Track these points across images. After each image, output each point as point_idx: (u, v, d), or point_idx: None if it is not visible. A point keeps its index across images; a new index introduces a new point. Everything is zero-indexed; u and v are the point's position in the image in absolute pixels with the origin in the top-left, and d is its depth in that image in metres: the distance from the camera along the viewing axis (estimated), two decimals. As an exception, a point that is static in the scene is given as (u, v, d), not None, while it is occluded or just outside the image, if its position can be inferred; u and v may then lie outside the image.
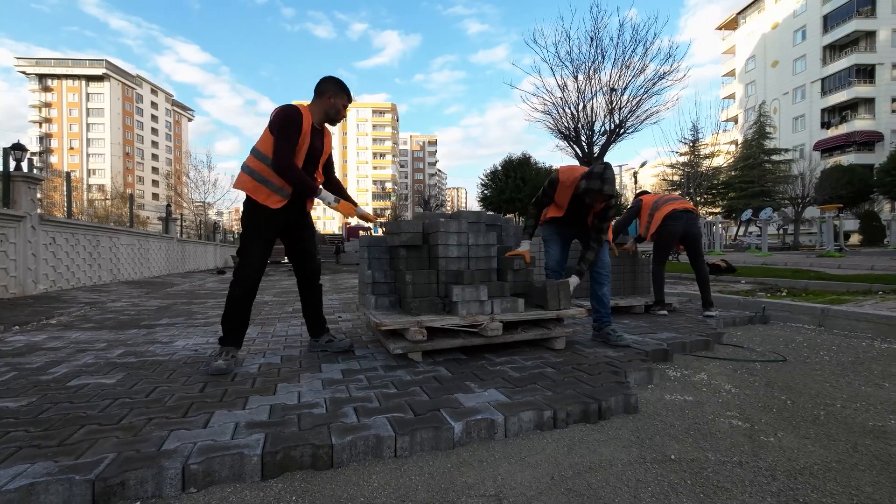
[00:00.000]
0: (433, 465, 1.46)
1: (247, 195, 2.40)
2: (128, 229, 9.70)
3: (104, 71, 65.82)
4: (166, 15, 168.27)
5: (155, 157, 75.32)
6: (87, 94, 67.05)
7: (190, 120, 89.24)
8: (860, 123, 35.02)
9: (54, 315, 4.48)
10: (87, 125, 67.09)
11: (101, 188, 56.54)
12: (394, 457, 1.51)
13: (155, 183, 73.75)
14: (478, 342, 2.57)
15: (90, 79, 66.72)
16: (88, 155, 66.99)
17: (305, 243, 2.68)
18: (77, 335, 3.44)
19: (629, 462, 1.47)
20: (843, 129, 35.83)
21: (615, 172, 2.86)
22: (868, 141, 34.72)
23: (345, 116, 2.60)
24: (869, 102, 35.36)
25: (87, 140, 66.85)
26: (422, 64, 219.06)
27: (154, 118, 75.69)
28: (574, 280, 2.89)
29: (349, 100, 2.54)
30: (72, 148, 66.72)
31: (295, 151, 2.32)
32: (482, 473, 1.41)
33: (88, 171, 66.12)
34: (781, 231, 28.42)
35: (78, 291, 6.57)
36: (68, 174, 8.05)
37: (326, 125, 2.57)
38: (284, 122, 2.27)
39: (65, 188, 7.89)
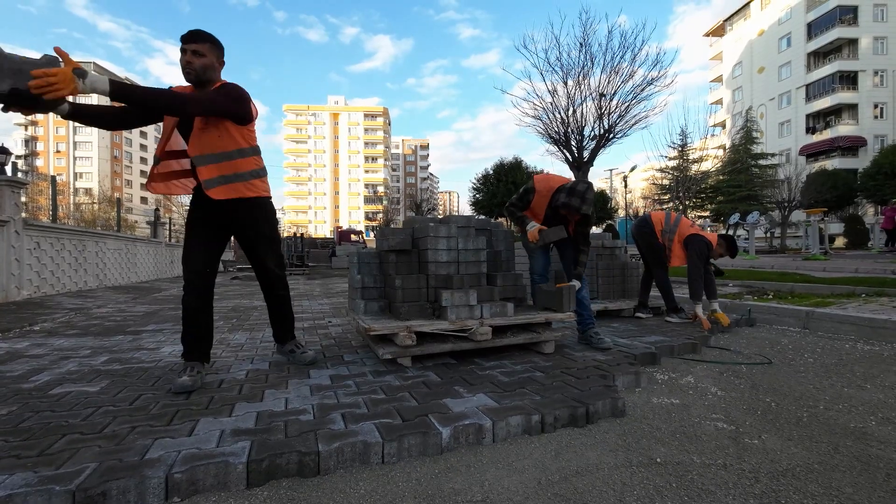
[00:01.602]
0: (420, 471, 1.46)
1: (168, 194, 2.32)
2: (115, 234, 9.57)
3: (92, 73, 64.99)
4: (156, 18, 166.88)
5: (143, 160, 74.44)
6: (75, 97, 66.14)
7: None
8: (844, 129, 35.71)
9: (38, 321, 4.40)
10: (74, 128, 66.08)
11: (88, 192, 55.74)
12: (381, 463, 1.50)
13: (143, 187, 72.89)
14: (467, 347, 2.57)
15: (77, 81, 65.78)
16: (75, 158, 66.05)
17: (255, 252, 2.44)
18: (61, 342, 3.38)
19: (615, 466, 1.48)
20: (827, 134, 36.51)
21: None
22: (852, 146, 35.40)
23: (184, 65, 2.12)
24: (852, 108, 36.08)
25: (74, 143, 65.92)
26: (414, 68, 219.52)
27: (143, 121, 74.76)
28: (577, 283, 2.94)
29: (182, 42, 2.12)
30: (58, 151, 65.76)
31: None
32: (469, 479, 1.41)
33: (75, 174, 65.16)
34: (769, 234, 28.83)
35: (63, 297, 6.46)
36: (53, 178, 7.93)
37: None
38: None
39: (50, 192, 7.76)
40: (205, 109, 2.04)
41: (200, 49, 2.13)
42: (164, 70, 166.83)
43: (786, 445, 1.61)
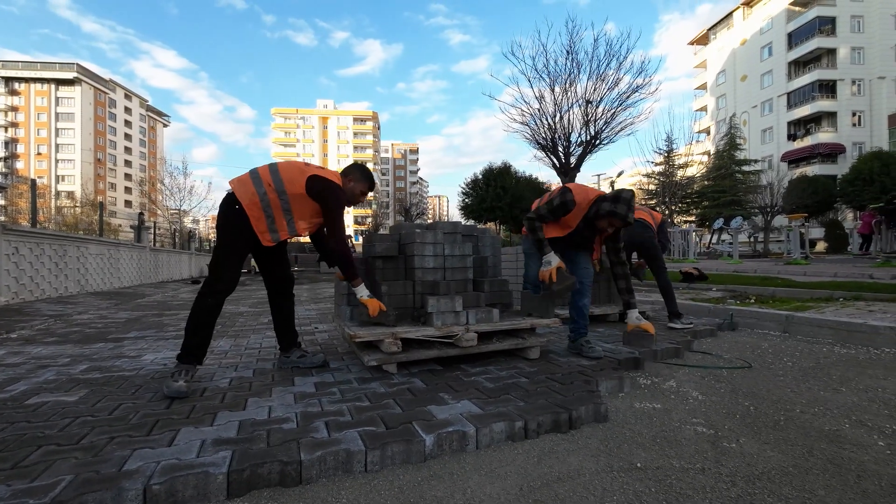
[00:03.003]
0: (403, 478, 1.46)
1: (243, 209, 2.28)
2: (97, 238, 9.39)
3: (75, 75, 63.96)
4: (142, 19, 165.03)
5: (128, 163, 73.30)
6: (57, 99, 64.97)
7: (165, 126, 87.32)
8: (824, 136, 36.64)
9: (15, 329, 4.30)
10: (57, 130, 64.94)
11: (70, 195, 54.63)
12: (364, 471, 1.50)
13: (128, 190, 71.73)
14: (453, 353, 2.58)
15: (60, 83, 64.71)
16: (57, 161, 64.75)
17: (282, 264, 2.62)
18: (38, 350, 3.31)
19: (596, 471, 1.49)
20: (808, 141, 37.43)
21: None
22: (831, 153, 36.33)
23: (361, 202, 2.69)
24: (831, 116, 37.06)
25: (56, 146, 64.64)
26: (403, 73, 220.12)
27: (128, 124, 73.78)
28: (640, 318, 2.86)
29: (370, 188, 2.60)
30: (39, 153, 64.41)
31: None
32: (452, 486, 1.41)
33: (57, 177, 63.87)
34: (752, 239, 29.39)
35: (42, 303, 6.32)
36: (33, 181, 7.78)
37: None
38: (340, 201, 2.40)
39: (30, 195, 7.61)
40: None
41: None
42: (150, 73, 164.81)
43: (762, 449, 1.65)
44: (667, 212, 27.25)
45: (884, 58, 35.81)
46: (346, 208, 2.55)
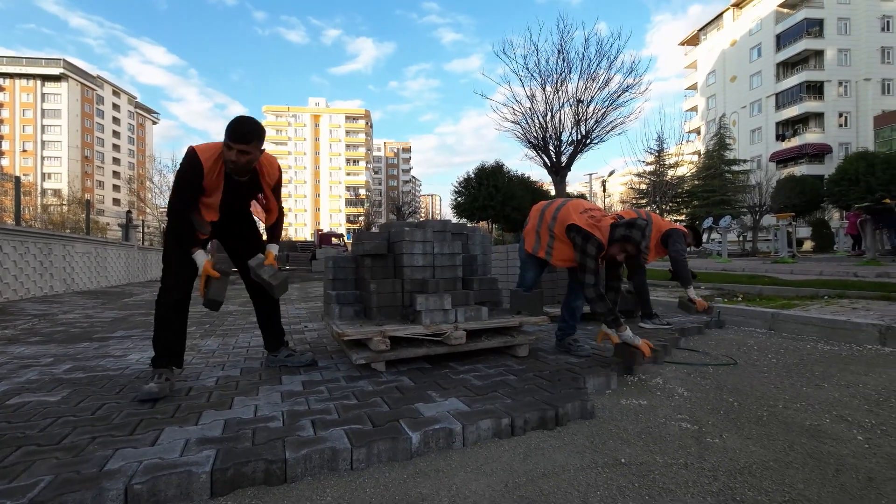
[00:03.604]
0: (389, 476, 1.46)
1: None
2: (84, 236, 9.26)
3: (62, 71, 62.96)
4: (130, 15, 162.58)
5: (116, 160, 72.34)
6: (43, 95, 63.94)
7: (155, 123, 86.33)
8: (811, 136, 37.18)
9: (-2, 328, 4.23)
10: (43, 127, 63.91)
11: (56, 193, 53.79)
12: (350, 469, 1.49)
13: (116, 188, 70.77)
14: (442, 351, 2.58)
15: (46, 78, 63.68)
16: (43, 158, 63.72)
17: (246, 252, 2.45)
18: (21, 350, 3.26)
19: (581, 467, 1.50)
20: (795, 141, 37.95)
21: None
22: (818, 153, 36.88)
23: (243, 164, 2.12)
24: (819, 117, 37.60)
25: (42, 142, 63.62)
26: (396, 71, 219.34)
27: (116, 121, 72.78)
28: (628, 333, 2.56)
29: (236, 141, 2.08)
30: (25, 150, 63.33)
31: (189, 200, 2.17)
32: (437, 483, 1.41)
33: (43, 174, 62.87)
34: (741, 238, 29.77)
35: (26, 303, 6.22)
36: (17, 178, 7.64)
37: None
38: (181, 169, 2.15)
39: (14, 193, 7.48)
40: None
41: (248, 148, 2.11)
42: (138, 69, 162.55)
43: (745, 444, 1.67)
44: (657, 211, 27.47)
45: (870, 60, 36.41)
46: (240, 177, 2.22)
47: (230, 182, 2.22)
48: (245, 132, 2.09)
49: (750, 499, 1.29)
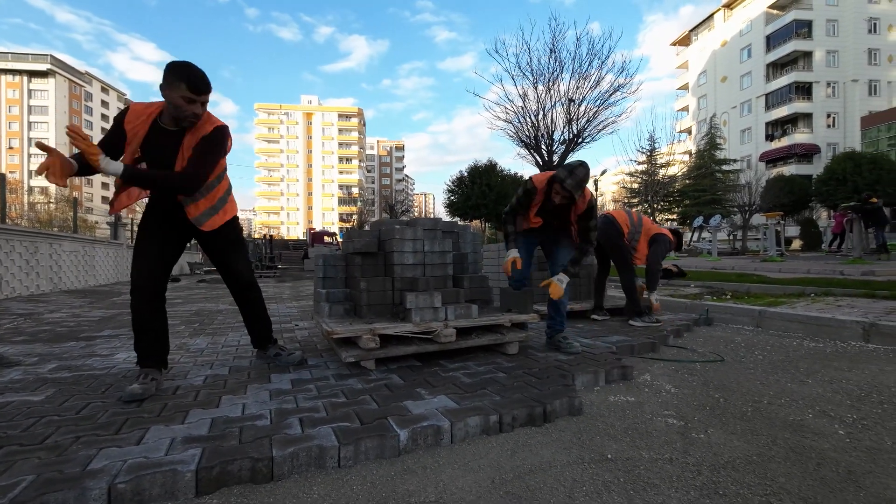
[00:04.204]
0: (376, 473, 1.46)
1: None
2: (71, 235, 9.14)
3: (49, 66, 62.01)
4: (119, 10, 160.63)
5: (105, 158, 71.34)
6: (30, 91, 62.95)
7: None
8: (800, 137, 37.68)
9: (-18, 328, 4.16)
10: (29, 123, 62.93)
11: (43, 191, 53.00)
12: (337, 467, 1.49)
13: (105, 186, 69.88)
14: (432, 349, 2.58)
15: (33, 74, 62.71)
16: (30, 155, 62.75)
17: (224, 258, 2.43)
18: (6, 349, 3.21)
19: (568, 463, 1.51)
20: (784, 141, 38.44)
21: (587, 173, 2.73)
22: (807, 153, 37.39)
23: (194, 113, 2.01)
24: (807, 117, 38.11)
25: (29, 139, 62.61)
26: (389, 69, 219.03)
27: (105, 118, 71.82)
28: (565, 278, 2.82)
29: (190, 89, 1.95)
30: (11, 147, 62.35)
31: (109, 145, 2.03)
32: (424, 480, 1.42)
33: (30, 172, 61.88)
34: (731, 237, 30.09)
35: (12, 302, 6.12)
36: (2, 175, 7.51)
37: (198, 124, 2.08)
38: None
39: (-1, 191, 7.35)
40: (206, 177, 2.08)
41: (206, 99, 2.06)
42: (128, 65, 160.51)
43: (729, 439, 1.69)
44: (649, 210, 27.67)
45: (857, 61, 36.94)
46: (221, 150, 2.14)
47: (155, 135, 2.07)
48: (207, 81, 2.03)
49: (732, 492, 1.31)
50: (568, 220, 2.91)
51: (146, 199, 2.32)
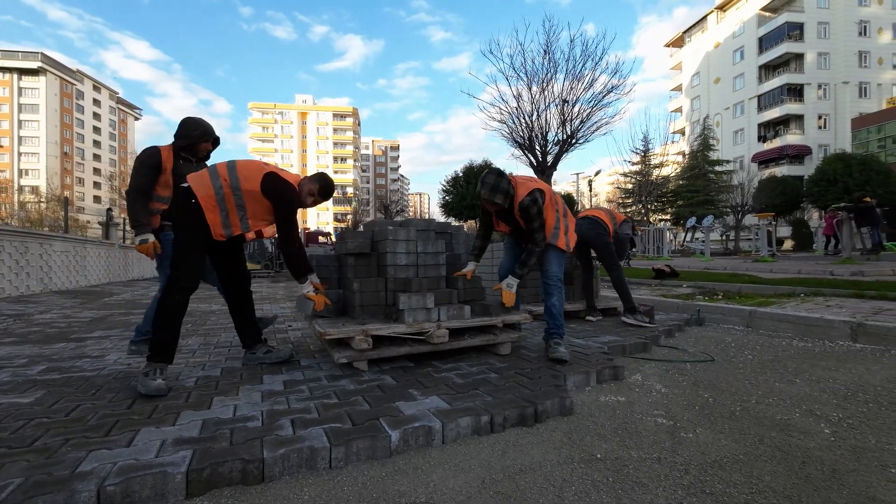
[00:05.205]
0: (368, 474, 1.46)
1: (199, 202, 2.30)
2: (62, 235, 9.05)
3: (39, 64, 61.31)
4: (111, 8, 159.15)
5: (97, 157, 70.80)
6: (20, 89, 62.21)
7: (137, 119, 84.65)
8: (791, 138, 38.02)
9: (-29, 329, 4.12)
10: (20, 122, 62.20)
11: (34, 190, 52.43)
12: (328, 468, 1.50)
13: (97, 185, 69.26)
14: (425, 349, 2.59)
15: (24, 72, 61.96)
16: (20, 154, 62.03)
17: (235, 258, 2.61)
18: (-5, 351, 3.18)
19: (558, 463, 1.53)
20: (776, 142, 38.77)
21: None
22: (798, 154, 37.73)
23: (310, 204, 2.61)
24: (799, 119, 38.46)
25: (20, 138, 61.91)
26: (385, 69, 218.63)
27: (97, 116, 71.19)
28: (514, 282, 2.84)
29: (322, 190, 2.58)
30: (1, 146, 61.57)
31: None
32: (415, 481, 1.42)
33: (20, 171, 61.25)
34: (724, 237, 30.32)
35: (1, 303, 6.06)
36: (-7, 175, 7.43)
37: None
38: (290, 201, 2.43)
39: (-11, 190, 7.27)
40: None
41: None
42: (120, 64, 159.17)
43: (717, 438, 1.71)
44: (643, 210, 27.83)
45: (848, 63, 37.33)
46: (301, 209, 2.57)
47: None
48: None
49: (719, 491, 1.33)
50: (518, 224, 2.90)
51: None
